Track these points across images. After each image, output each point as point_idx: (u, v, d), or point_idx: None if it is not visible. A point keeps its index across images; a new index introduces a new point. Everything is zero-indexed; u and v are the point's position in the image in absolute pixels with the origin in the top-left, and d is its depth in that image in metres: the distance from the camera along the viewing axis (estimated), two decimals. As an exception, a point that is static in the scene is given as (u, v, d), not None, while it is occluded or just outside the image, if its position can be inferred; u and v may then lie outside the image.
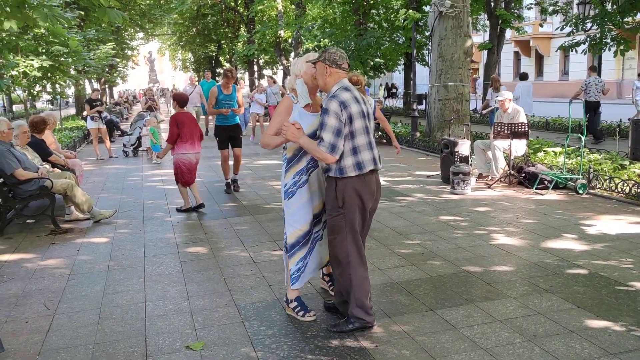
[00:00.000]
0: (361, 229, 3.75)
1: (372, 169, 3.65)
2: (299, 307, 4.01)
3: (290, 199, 3.88)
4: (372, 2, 21.07)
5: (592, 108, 13.22)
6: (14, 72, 12.79)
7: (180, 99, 7.53)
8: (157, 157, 7.40)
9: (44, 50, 14.14)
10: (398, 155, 8.66)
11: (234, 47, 35.57)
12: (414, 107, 15.02)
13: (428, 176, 9.54)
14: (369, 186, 3.64)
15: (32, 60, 12.98)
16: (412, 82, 15.91)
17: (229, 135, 8.53)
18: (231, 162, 8.79)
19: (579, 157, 8.61)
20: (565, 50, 17.23)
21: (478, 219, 6.60)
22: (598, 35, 15.31)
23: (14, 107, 39.36)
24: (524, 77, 14.54)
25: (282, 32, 25.54)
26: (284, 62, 27.53)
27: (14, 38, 13.05)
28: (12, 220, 6.97)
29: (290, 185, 3.88)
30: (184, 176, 7.36)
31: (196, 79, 16.92)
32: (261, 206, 7.62)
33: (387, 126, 6.64)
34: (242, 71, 39.65)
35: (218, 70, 47.30)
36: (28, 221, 7.07)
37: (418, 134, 13.98)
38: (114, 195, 8.77)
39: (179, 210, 7.54)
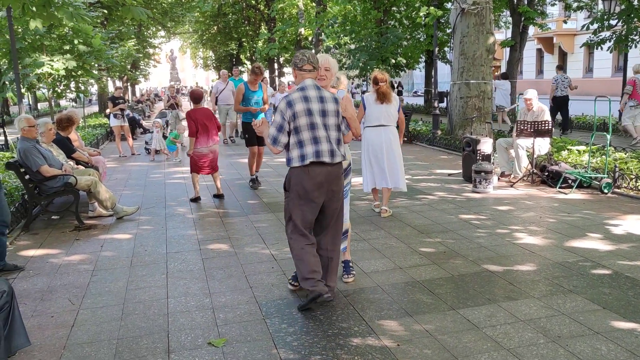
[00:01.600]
0: (311, 215, 4.09)
1: (315, 161, 3.97)
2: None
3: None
4: (393, -1, 20.95)
5: (562, 102, 15.05)
6: (39, 71, 12.98)
7: (194, 96, 8.05)
8: (187, 154, 8.26)
9: (68, 49, 14.33)
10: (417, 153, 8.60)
11: (254, 45, 35.71)
12: (435, 104, 14.91)
13: (449, 175, 9.47)
14: (312, 177, 3.98)
15: (57, 61, 13.16)
16: (433, 79, 15.79)
17: (255, 132, 8.68)
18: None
19: (604, 156, 8.47)
20: (590, 47, 17.00)
21: (500, 218, 6.54)
22: (624, 32, 15.04)
23: (39, 105, 40.04)
24: (505, 76, 17.63)
25: (302, 30, 25.52)
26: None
27: (38, 37, 13.26)
28: (38, 216, 7.08)
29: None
30: (195, 166, 7.97)
31: (228, 75, 15.61)
32: (282, 203, 7.61)
33: (402, 126, 6.96)
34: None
35: (239, 68, 47.26)
36: (53, 217, 7.18)
37: (439, 132, 13.88)
38: (137, 192, 8.86)
39: (191, 200, 8.06)
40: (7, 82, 13.10)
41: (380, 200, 6.98)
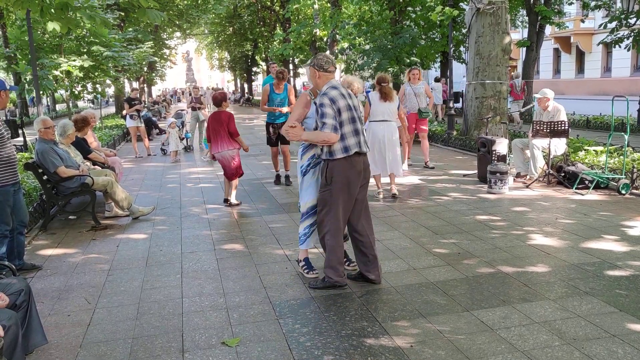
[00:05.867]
0: (349, 205, 4.44)
1: (357, 152, 4.35)
2: (306, 266, 4.81)
3: (305, 176, 4.67)
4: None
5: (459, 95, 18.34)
6: (56, 72, 13.14)
7: (213, 100, 7.88)
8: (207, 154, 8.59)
9: (85, 50, 14.50)
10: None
11: (269, 45, 35.79)
12: (451, 105, 14.83)
13: (464, 175, 9.42)
14: (355, 166, 4.36)
15: (75, 60, 13.32)
16: (448, 79, 15.71)
17: (277, 133, 8.83)
18: (280, 158, 9.29)
19: (621, 156, 8.36)
20: (608, 46, 16.86)
21: (515, 219, 6.49)
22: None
23: (57, 107, 40.57)
24: (437, 79, 20.86)
25: (317, 31, 25.47)
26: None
27: (57, 39, 13.43)
28: (55, 216, 7.17)
29: (306, 166, 4.66)
30: (223, 170, 7.87)
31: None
32: (296, 204, 7.64)
33: (403, 123, 8.19)
34: (278, 70, 39.90)
35: (254, 69, 47.45)
36: (70, 217, 7.27)
37: (454, 133, 13.80)
38: (153, 193, 8.93)
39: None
40: (25, 81, 13.30)
41: (383, 187, 8.02)
